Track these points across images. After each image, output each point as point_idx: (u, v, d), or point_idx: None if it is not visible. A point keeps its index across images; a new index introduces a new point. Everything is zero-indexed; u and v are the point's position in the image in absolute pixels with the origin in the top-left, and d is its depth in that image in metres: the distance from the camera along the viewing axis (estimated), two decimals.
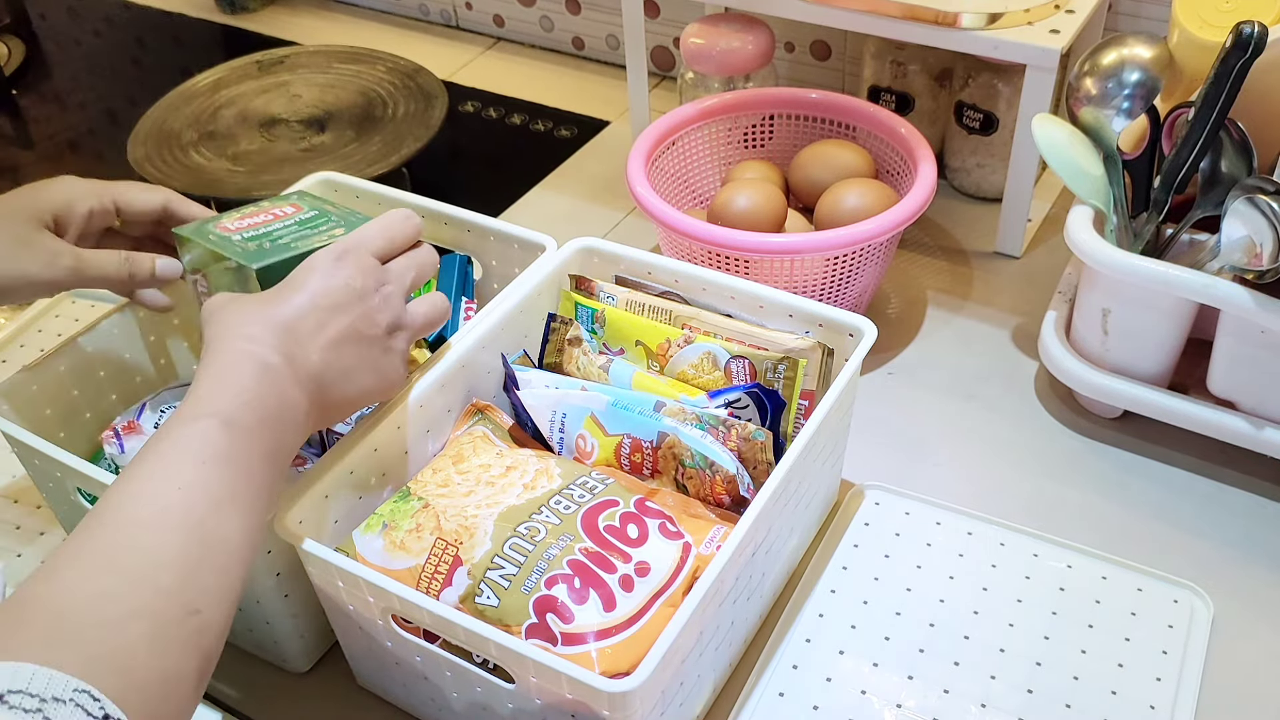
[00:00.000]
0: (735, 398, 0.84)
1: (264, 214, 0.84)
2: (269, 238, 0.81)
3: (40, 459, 0.81)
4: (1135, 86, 0.95)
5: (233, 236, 0.81)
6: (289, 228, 0.83)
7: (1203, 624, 0.84)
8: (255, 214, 0.84)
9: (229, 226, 0.82)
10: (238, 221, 0.83)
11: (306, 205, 0.86)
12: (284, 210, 0.85)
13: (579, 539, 0.74)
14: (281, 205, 0.86)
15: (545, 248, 0.94)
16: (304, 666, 0.85)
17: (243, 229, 0.82)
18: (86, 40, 1.77)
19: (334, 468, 0.77)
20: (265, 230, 0.82)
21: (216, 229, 0.82)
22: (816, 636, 0.85)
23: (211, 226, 0.83)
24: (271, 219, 0.84)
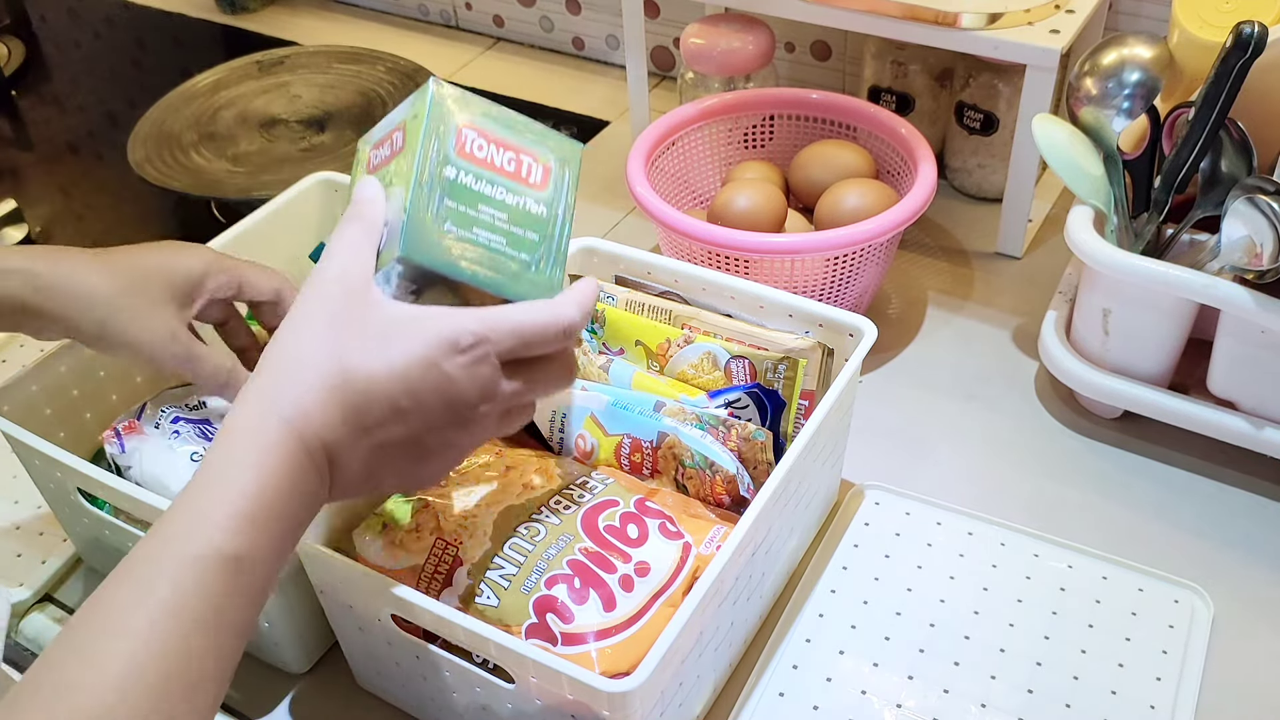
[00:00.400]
0: (735, 398, 0.84)
1: (512, 152, 0.68)
2: (466, 215, 0.66)
3: (40, 459, 0.81)
4: (1135, 86, 0.95)
5: (446, 167, 0.65)
6: (498, 215, 0.67)
7: (1203, 624, 0.84)
8: (506, 143, 0.68)
9: (466, 141, 0.66)
10: (480, 138, 0.67)
11: (551, 186, 0.70)
12: (533, 166, 0.69)
13: (579, 539, 0.74)
14: (539, 151, 0.70)
15: None
16: (303, 667, 0.85)
17: (470, 160, 0.66)
18: (86, 41, 1.77)
19: None
20: (480, 191, 0.66)
21: (454, 133, 0.66)
22: (816, 636, 0.84)
23: (456, 119, 0.66)
24: (510, 170, 0.68)
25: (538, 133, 0.70)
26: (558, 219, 0.70)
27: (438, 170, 0.65)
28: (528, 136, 0.69)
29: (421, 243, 0.64)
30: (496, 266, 0.66)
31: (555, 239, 0.70)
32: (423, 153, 0.64)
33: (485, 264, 0.66)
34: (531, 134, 0.69)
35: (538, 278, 0.68)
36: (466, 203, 0.66)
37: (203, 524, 0.56)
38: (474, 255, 0.66)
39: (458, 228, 0.65)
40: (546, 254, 0.69)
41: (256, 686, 0.85)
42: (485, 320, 0.62)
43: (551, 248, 0.69)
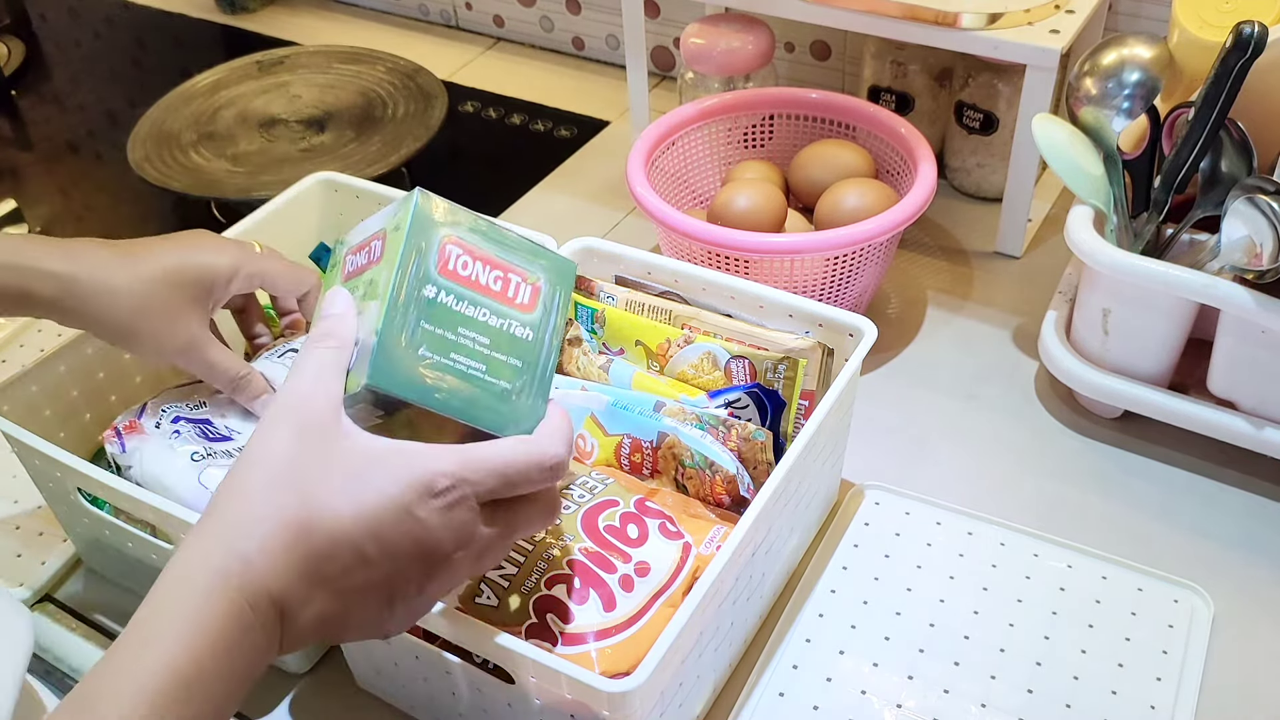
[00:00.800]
0: (735, 398, 0.84)
1: (499, 270, 0.64)
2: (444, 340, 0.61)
3: (40, 459, 0.81)
4: (1135, 86, 0.95)
5: (426, 286, 0.61)
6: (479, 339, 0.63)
7: (1203, 624, 0.84)
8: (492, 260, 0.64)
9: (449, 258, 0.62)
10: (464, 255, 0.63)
11: (540, 309, 0.65)
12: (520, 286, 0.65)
13: (579, 539, 0.74)
14: (528, 270, 0.65)
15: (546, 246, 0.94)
16: (303, 667, 0.85)
17: (452, 279, 0.62)
18: (86, 41, 1.77)
19: None
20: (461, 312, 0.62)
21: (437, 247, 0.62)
22: (816, 636, 0.84)
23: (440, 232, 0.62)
24: (496, 290, 0.64)
25: (529, 250, 0.66)
26: (544, 344, 0.65)
27: (416, 289, 0.61)
28: (518, 253, 0.65)
29: (392, 371, 0.60)
30: (474, 396, 0.62)
31: (540, 366, 0.65)
32: (401, 269, 0.60)
33: (461, 393, 0.62)
34: (523, 251, 0.66)
35: (518, 408, 0.63)
36: (445, 325, 0.61)
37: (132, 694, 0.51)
38: (449, 384, 0.61)
39: (434, 354, 0.61)
40: (529, 382, 0.64)
41: (256, 686, 0.85)
42: (464, 460, 0.58)
43: (535, 375, 0.64)
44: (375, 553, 0.56)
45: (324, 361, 0.60)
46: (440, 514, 0.57)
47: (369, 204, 1.02)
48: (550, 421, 0.64)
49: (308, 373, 0.60)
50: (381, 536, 0.56)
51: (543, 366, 0.65)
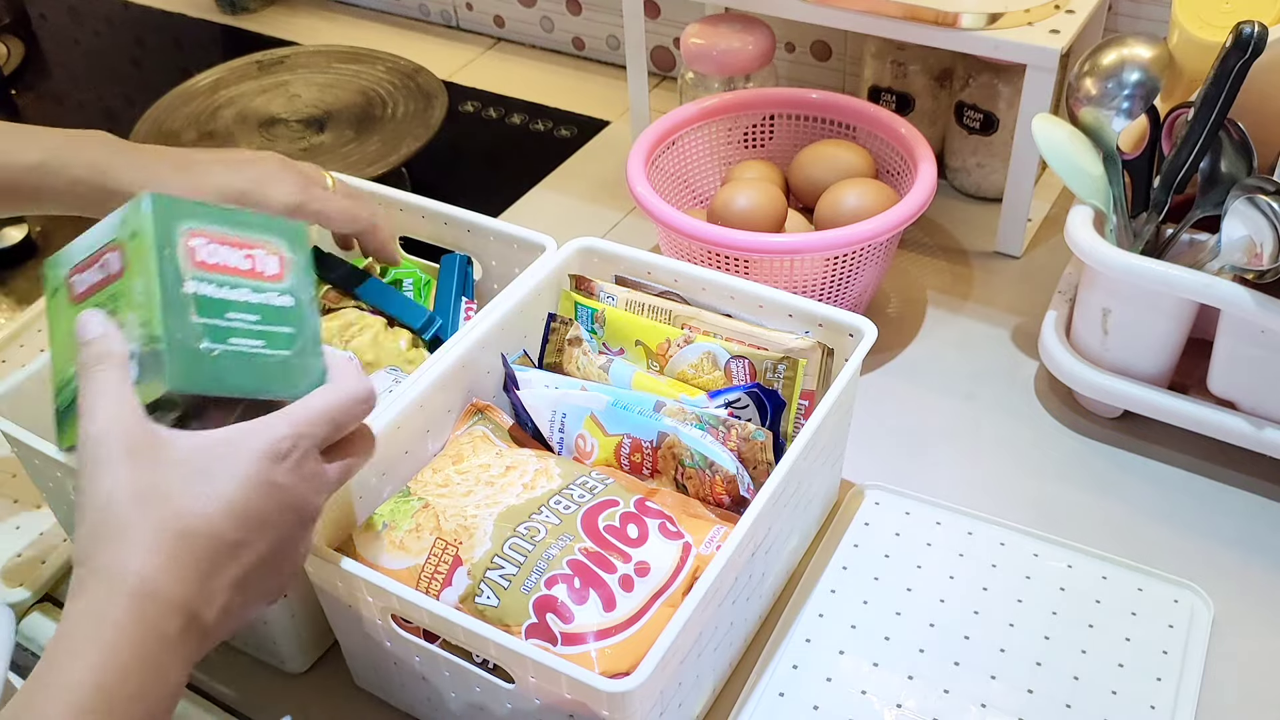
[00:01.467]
0: (735, 398, 0.84)
1: (244, 249, 0.65)
2: (219, 328, 0.63)
3: (40, 459, 0.81)
4: (1135, 86, 0.95)
5: (186, 283, 0.62)
6: (249, 318, 0.64)
7: (1203, 624, 0.84)
8: (235, 240, 0.65)
9: (197, 250, 0.63)
10: (210, 243, 0.64)
11: (290, 275, 0.67)
12: (266, 258, 0.66)
13: (579, 539, 0.74)
14: (268, 241, 0.67)
15: (545, 248, 0.94)
16: (302, 666, 0.85)
17: (206, 269, 0.63)
18: (86, 40, 1.77)
19: None
20: (225, 298, 0.63)
21: (183, 243, 0.63)
22: (816, 636, 0.84)
23: (181, 228, 0.63)
24: (247, 268, 0.65)
25: (262, 222, 0.67)
26: (305, 305, 0.67)
27: (178, 288, 0.61)
28: (254, 229, 0.66)
29: (187, 370, 0.60)
30: (263, 371, 0.64)
31: (309, 325, 0.67)
32: (161, 274, 0.61)
33: (252, 372, 0.63)
34: (257, 225, 0.67)
35: (302, 370, 0.65)
36: (215, 314, 0.62)
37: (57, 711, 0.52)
38: (237, 366, 0.63)
39: (215, 343, 0.62)
40: (305, 344, 0.66)
41: (255, 686, 0.85)
42: (293, 420, 0.61)
43: (307, 336, 0.66)
44: (253, 532, 0.59)
45: (111, 384, 0.60)
46: (293, 472, 0.60)
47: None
48: (338, 364, 0.67)
49: (103, 399, 0.59)
50: (253, 515, 0.59)
51: (311, 325, 0.67)
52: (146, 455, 0.58)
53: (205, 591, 0.57)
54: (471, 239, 0.99)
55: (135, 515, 0.56)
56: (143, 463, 0.58)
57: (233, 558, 0.58)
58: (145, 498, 0.57)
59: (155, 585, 0.55)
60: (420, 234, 1.02)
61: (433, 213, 1.00)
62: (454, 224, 1.00)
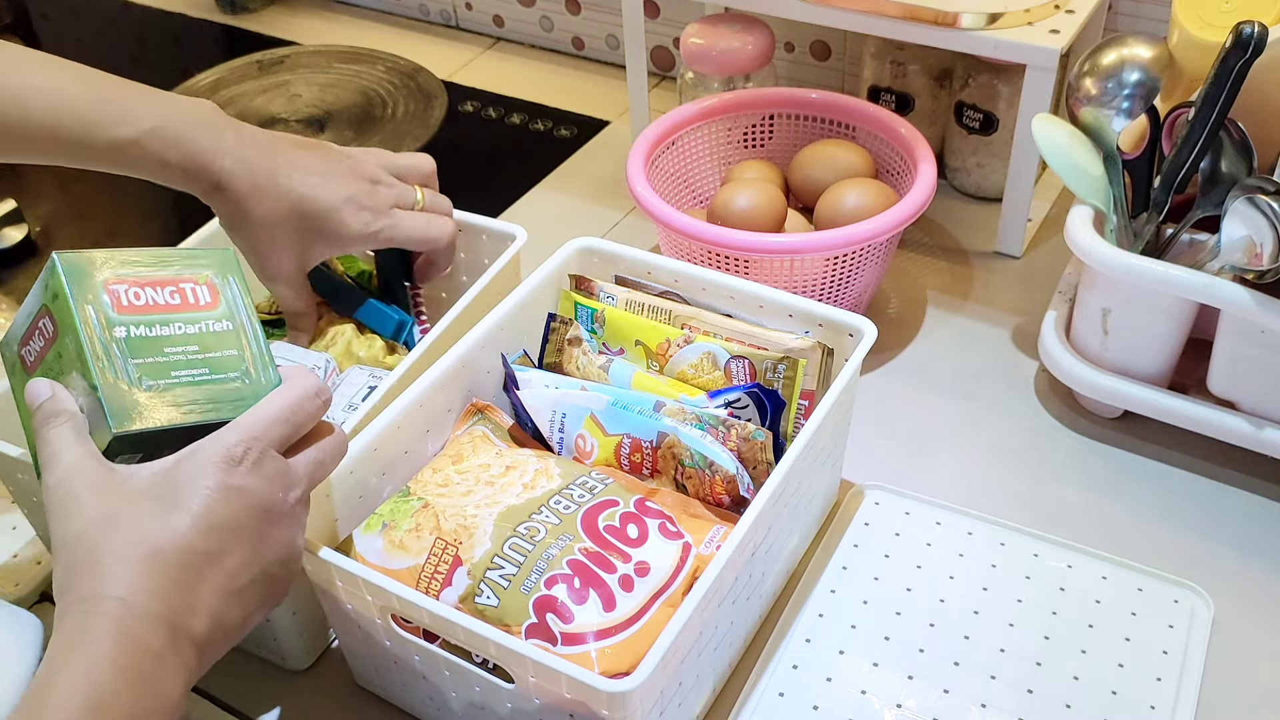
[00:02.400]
0: (735, 398, 0.84)
1: (170, 286, 0.66)
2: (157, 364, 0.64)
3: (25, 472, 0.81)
4: (1135, 86, 0.95)
5: (115, 329, 0.63)
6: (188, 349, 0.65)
7: (1203, 624, 0.84)
8: (159, 280, 0.66)
9: (119, 296, 0.64)
10: (131, 288, 0.65)
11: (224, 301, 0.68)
12: (195, 290, 0.67)
13: (579, 539, 0.74)
14: (195, 274, 0.68)
15: (515, 237, 0.95)
16: (303, 664, 0.85)
17: (133, 312, 0.64)
18: (87, 40, 1.77)
19: None
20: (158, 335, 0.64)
21: (103, 292, 0.64)
22: (816, 636, 0.84)
23: (97, 280, 0.64)
24: (176, 303, 0.66)
25: (186, 257, 0.68)
26: (245, 326, 0.68)
27: (106, 336, 0.63)
28: (177, 264, 0.67)
29: (128, 411, 0.62)
30: (212, 397, 0.65)
31: (253, 344, 0.68)
32: (83, 326, 0.62)
33: (201, 400, 0.64)
34: (178, 260, 0.68)
35: (255, 388, 0.66)
36: (150, 354, 0.64)
37: None
38: (185, 397, 0.64)
39: (155, 379, 0.63)
40: (253, 363, 0.67)
41: (255, 684, 0.85)
42: (243, 426, 0.62)
43: (254, 354, 0.67)
44: (223, 539, 0.59)
45: (65, 436, 0.61)
46: (252, 474, 0.61)
47: None
48: (289, 371, 0.67)
49: (60, 450, 0.60)
50: (219, 523, 0.59)
51: (256, 344, 0.68)
52: (108, 489, 0.59)
53: (187, 603, 0.58)
54: None
55: (104, 543, 0.57)
56: (105, 496, 0.59)
57: (212, 566, 0.59)
58: (111, 526, 0.58)
59: (132, 602, 0.56)
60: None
61: None
62: None
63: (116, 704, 0.54)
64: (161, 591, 0.57)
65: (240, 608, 0.61)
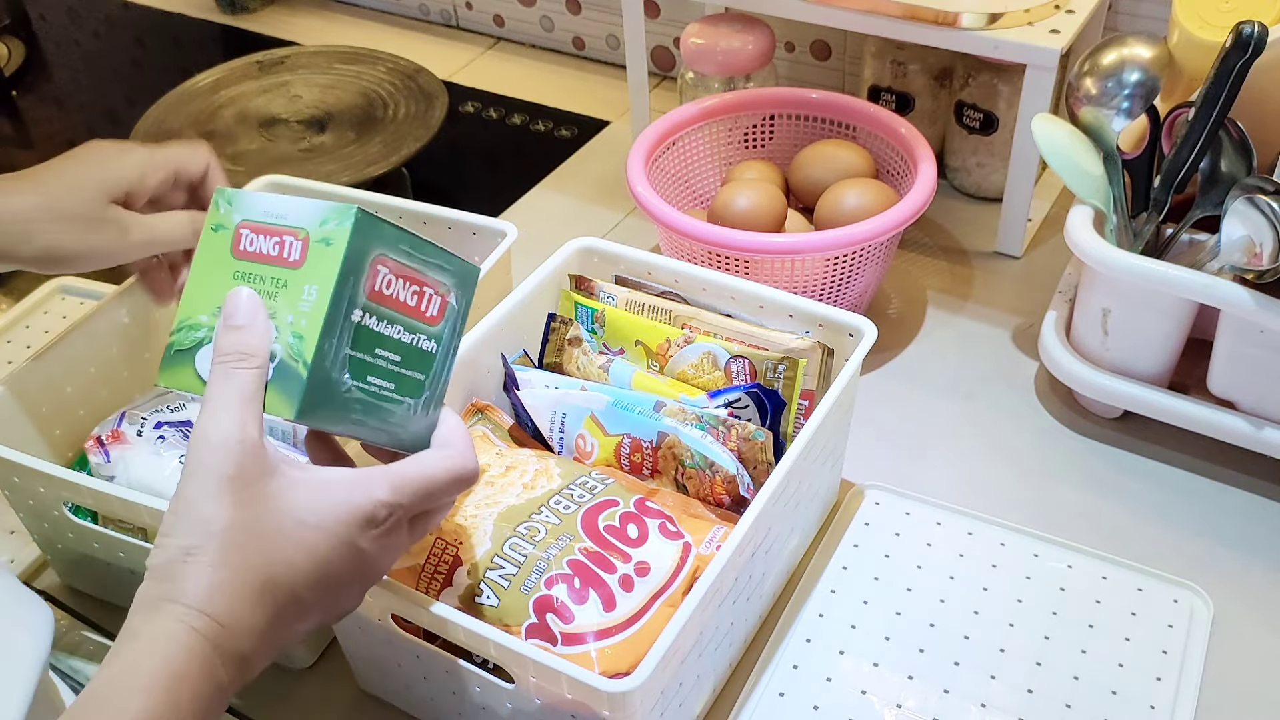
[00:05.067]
0: (735, 398, 0.84)
1: (417, 285, 0.63)
2: (364, 363, 0.60)
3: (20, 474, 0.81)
4: (1135, 86, 0.95)
5: (354, 311, 0.59)
6: (392, 359, 0.62)
7: (1203, 624, 0.84)
8: (412, 275, 0.62)
9: (378, 278, 0.60)
10: (390, 273, 0.61)
11: (446, 321, 0.65)
12: (433, 298, 0.64)
13: (579, 539, 0.74)
14: (440, 280, 0.64)
15: (506, 234, 0.95)
16: (305, 663, 0.85)
17: (378, 300, 0.61)
18: (86, 41, 1.77)
19: None
20: (381, 333, 0.61)
21: (369, 269, 0.60)
22: (816, 636, 0.84)
23: (373, 254, 0.60)
24: (413, 305, 0.63)
25: (443, 259, 0.65)
26: (445, 355, 0.66)
27: (346, 315, 0.59)
28: (433, 265, 0.64)
29: (320, 407, 0.59)
30: (383, 417, 0.62)
31: (440, 377, 0.65)
32: (336, 296, 0.58)
33: (373, 415, 0.62)
34: (438, 261, 0.64)
35: (419, 421, 0.64)
36: (366, 349, 0.61)
37: None
38: (363, 406, 0.61)
39: (354, 380, 0.60)
40: (430, 396, 0.65)
41: (257, 684, 0.84)
42: (395, 486, 0.60)
43: (436, 389, 0.65)
44: (325, 594, 0.59)
45: (243, 391, 0.57)
46: (379, 541, 0.60)
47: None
48: (455, 432, 0.65)
49: (231, 405, 0.57)
50: (330, 577, 0.58)
51: (443, 377, 0.66)
52: (254, 487, 0.57)
53: (264, 643, 0.57)
54: (428, 231, 1.00)
55: (225, 554, 0.55)
56: (248, 495, 0.56)
57: (301, 614, 0.58)
58: (240, 535, 0.56)
59: (227, 635, 0.55)
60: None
61: (385, 207, 1.01)
62: (409, 217, 1.00)
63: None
64: (253, 632, 0.56)
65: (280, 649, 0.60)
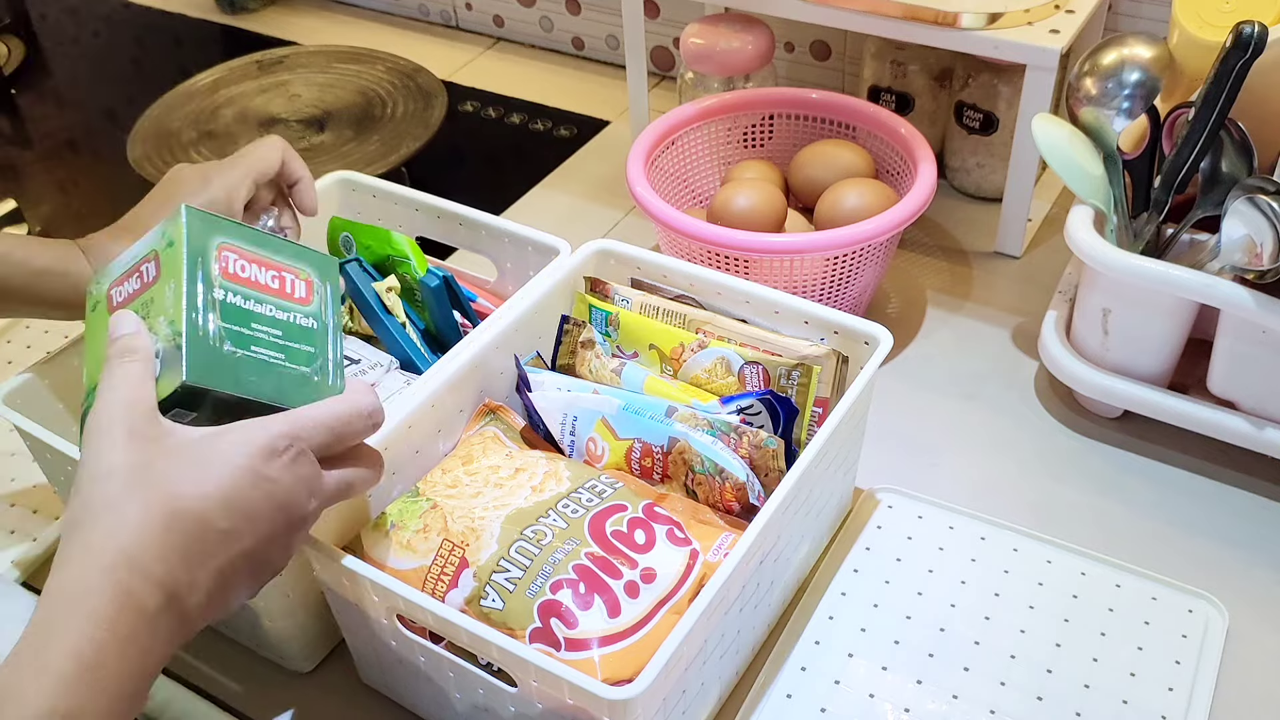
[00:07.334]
0: (748, 404, 0.83)
1: (274, 270, 0.68)
2: (242, 335, 0.65)
3: (51, 454, 0.82)
4: (1135, 86, 0.95)
5: (215, 290, 0.64)
6: (272, 332, 0.67)
7: (1217, 634, 0.83)
8: (266, 261, 0.68)
9: (229, 263, 0.66)
10: (241, 259, 0.67)
11: (316, 301, 0.70)
12: (295, 282, 0.69)
13: (585, 543, 0.74)
14: (298, 267, 0.70)
15: (559, 251, 0.95)
16: (306, 666, 0.85)
17: (235, 281, 0.66)
18: (86, 40, 1.77)
19: None
20: (251, 310, 0.66)
21: (216, 254, 0.66)
22: (826, 639, 0.84)
23: (215, 241, 0.66)
24: (275, 287, 0.68)
25: (294, 250, 0.70)
26: (328, 330, 0.70)
27: (207, 293, 0.64)
28: (286, 254, 0.69)
29: (205, 366, 0.62)
30: (280, 382, 0.66)
31: (330, 349, 0.69)
32: (189, 278, 0.63)
33: (268, 380, 0.65)
34: (289, 252, 0.70)
35: (320, 388, 0.67)
36: (239, 323, 0.65)
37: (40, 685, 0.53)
38: (255, 373, 0.65)
39: (236, 347, 0.64)
40: (324, 365, 0.68)
41: (260, 686, 0.85)
42: (292, 420, 0.63)
43: (328, 358, 0.69)
44: (241, 523, 0.60)
45: (131, 373, 0.61)
46: (287, 469, 0.61)
47: (386, 203, 1.03)
48: (354, 384, 0.68)
49: (121, 384, 0.61)
50: (241, 506, 0.60)
51: (332, 350, 0.69)
52: (148, 439, 0.59)
53: (189, 575, 0.58)
54: (487, 241, 1.00)
55: (128, 492, 0.58)
56: (143, 445, 0.59)
57: (220, 544, 0.59)
58: (140, 477, 0.58)
59: (140, 561, 0.56)
60: (434, 234, 1.02)
61: (448, 213, 1.01)
62: (469, 225, 1.00)
63: (111, 665, 0.54)
64: (168, 558, 0.57)
65: (229, 591, 0.61)
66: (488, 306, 1.00)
